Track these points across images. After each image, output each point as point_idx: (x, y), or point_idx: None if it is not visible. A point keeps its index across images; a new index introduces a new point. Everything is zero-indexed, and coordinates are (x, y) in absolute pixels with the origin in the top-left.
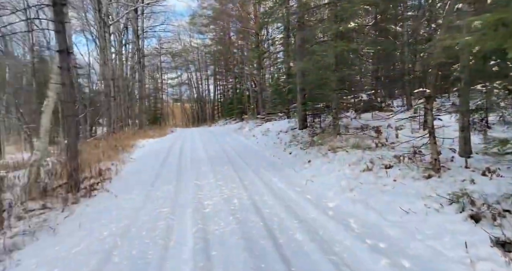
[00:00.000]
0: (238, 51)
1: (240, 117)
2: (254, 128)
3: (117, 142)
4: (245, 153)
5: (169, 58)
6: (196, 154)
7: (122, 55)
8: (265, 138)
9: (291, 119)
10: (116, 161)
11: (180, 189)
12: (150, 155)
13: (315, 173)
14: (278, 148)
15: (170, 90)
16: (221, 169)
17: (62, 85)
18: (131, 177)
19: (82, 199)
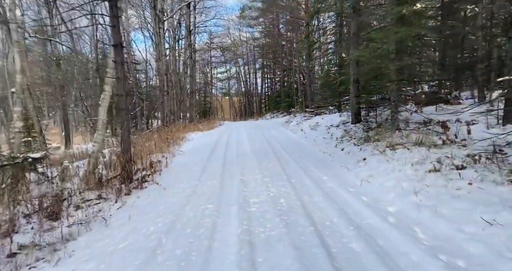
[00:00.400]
0: (287, 43)
1: (287, 111)
2: (302, 122)
3: (169, 135)
4: (292, 148)
5: (219, 53)
6: (241, 148)
7: (176, 51)
8: (314, 132)
9: (343, 112)
10: (166, 154)
11: (225, 184)
12: (198, 148)
13: (371, 173)
14: (329, 143)
15: (219, 84)
16: (267, 165)
17: (116, 79)
18: (180, 170)
19: (134, 191)
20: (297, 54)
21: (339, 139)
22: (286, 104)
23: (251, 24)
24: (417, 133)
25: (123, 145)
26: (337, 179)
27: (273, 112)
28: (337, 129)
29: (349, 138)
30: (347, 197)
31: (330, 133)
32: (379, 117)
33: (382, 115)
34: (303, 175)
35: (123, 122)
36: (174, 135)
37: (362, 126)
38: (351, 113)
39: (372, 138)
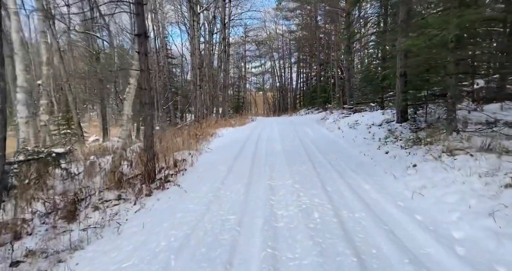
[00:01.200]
0: (325, 36)
1: (323, 107)
2: (340, 119)
3: (199, 130)
4: (328, 148)
5: (254, 47)
6: (272, 147)
7: (210, 45)
8: (353, 131)
9: (386, 110)
10: (194, 151)
11: (251, 190)
12: (226, 145)
13: (424, 183)
14: (370, 145)
15: (253, 79)
16: (299, 168)
17: (140, 72)
18: (205, 169)
19: (155, 192)
20: (336, 47)
21: (383, 140)
22: (322, 100)
23: (288, 17)
24: (480, 135)
25: (146, 142)
26: (382, 189)
27: (308, 108)
28: (379, 129)
29: (394, 139)
30: (396, 214)
31: (372, 133)
32: (429, 115)
33: (433, 114)
34: (341, 183)
35: (146, 117)
36: (205, 131)
37: (409, 126)
38: (396, 110)
39: (424, 141)
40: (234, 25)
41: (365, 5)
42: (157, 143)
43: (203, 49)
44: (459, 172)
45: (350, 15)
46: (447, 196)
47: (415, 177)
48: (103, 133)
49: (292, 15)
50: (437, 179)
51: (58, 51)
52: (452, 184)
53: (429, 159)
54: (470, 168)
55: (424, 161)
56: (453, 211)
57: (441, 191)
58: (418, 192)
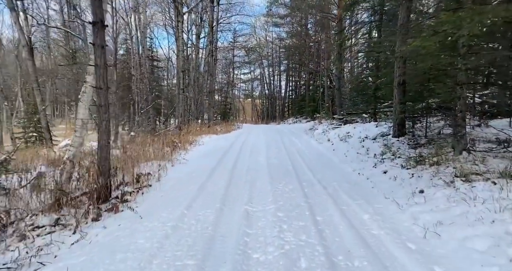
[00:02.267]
0: (315, 44)
1: (312, 116)
2: (329, 130)
3: (178, 137)
4: (318, 163)
5: (243, 53)
6: (255, 160)
7: (198, 48)
8: (344, 145)
9: (380, 122)
10: (166, 162)
11: (223, 218)
12: (205, 156)
13: (439, 218)
14: (365, 161)
15: (242, 86)
16: (284, 188)
17: (95, 67)
18: (172, 187)
19: (105, 215)
20: (326, 55)
21: (379, 156)
22: (310, 109)
23: (278, 23)
24: (494, 156)
25: (100, 152)
26: (385, 221)
27: (296, 117)
28: (374, 143)
29: (392, 156)
30: (408, 264)
31: (366, 148)
32: (428, 130)
33: (432, 128)
34: (334, 210)
35: (101, 122)
36: (185, 138)
37: (408, 141)
38: (393, 123)
39: (429, 160)
40: (223, 30)
41: (358, 11)
42: (127, 151)
43: (190, 53)
44: (483, 206)
45: (342, 21)
46: (474, 241)
47: (424, 208)
48: None
49: (282, 22)
50: (454, 213)
51: (27, 46)
52: (477, 222)
53: (439, 185)
54: (498, 201)
55: (433, 187)
56: (488, 266)
57: (464, 231)
58: (433, 230)
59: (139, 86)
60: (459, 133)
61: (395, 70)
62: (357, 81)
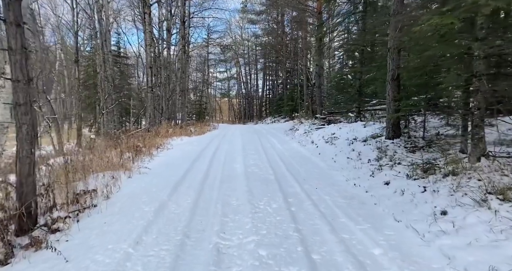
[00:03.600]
0: (292, 42)
1: (290, 116)
2: (312, 131)
3: (143, 140)
4: (304, 171)
5: (218, 50)
6: (231, 169)
7: (169, 44)
8: (331, 148)
9: (368, 122)
10: (122, 172)
11: (183, 261)
12: (172, 163)
13: (489, 260)
14: (358, 168)
15: (218, 84)
16: (266, 208)
17: (8, 51)
18: (121, 209)
19: (20, 254)
20: (304, 52)
21: (374, 162)
22: (289, 108)
23: (254, 20)
24: None
25: (20, 166)
26: (405, 260)
27: (274, 116)
28: (365, 146)
29: (389, 162)
30: None
31: (357, 152)
32: (426, 130)
33: (427, 128)
34: (334, 242)
35: (20, 127)
36: (152, 141)
37: (404, 144)
38: (387, 123)
39: (441, 169)
40: (196, 26)
41: (339, 3)
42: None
43: (161, 51)
44: None
45: (322, 14)
46: None
47: (458, 240)
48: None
49: (258, 19)
50: (509, 252)
51: None
52: None
53: (467, 204)
54: None
55: (458, 206)
56: None
57: None
58: None
59: (104, 84)
60: (476, 135)
61: (388, 63)
62: (337, 78)
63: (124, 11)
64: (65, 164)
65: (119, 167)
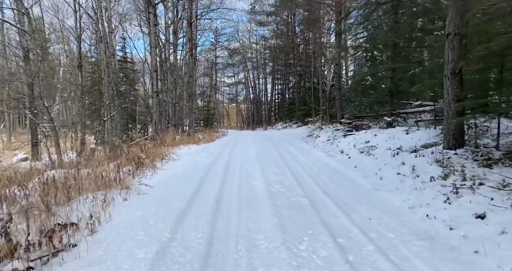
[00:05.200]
0: (304, 42)
1: (303, 121)
2: (338, 138)
3: (148, 150)
4: (344, 192)
5: (226, 55)
6: (249, 186)
7: (176, 47)
8: (370, 160)
9: (411, 127)
10: (119, 191)
11: None
12: (177, 179)
13: None
14: (420, 190)
15: (226, 89)
16: (312, 258)
17: None
18: (108, 253)
19: None
20: (319, 51)
21: (439, 180)
22: (301, 113)
23: (263, 22)
24: None
25: None
26: None
27: (286, 122)
28: (417, 158)
29: (464, 181)
30: None
31: (409, 165)
32: (498, 136)
33: (488, 133)
34: None
35: None
36: (157, 150)
37: (472, 156)
38: (446, 130)
39: None
40: (204, 29)
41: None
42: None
43: (168, 55)
44: None
45: (343, 8)
46: None
47: None
48: (32, 150)
49: (267, 20)
50: None
51: None
52: None
53: None
54: None
55: None
56: None
57: None
58: None
59: (107, 90)
60: None
61: (446, 53)
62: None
63: (129, 15)
64: (43, 185)
65: (116, 184)
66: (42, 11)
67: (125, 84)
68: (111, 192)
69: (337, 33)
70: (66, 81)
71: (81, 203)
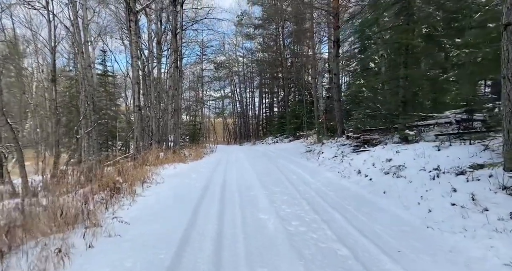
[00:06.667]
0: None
1: (294, 135)
2: (348, 154)
3: (126, 172)
4: (386, 232)
5: (212, 69)
6: (256, 223)
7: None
8: (401, 184)
9: (444, 143)
10: (83, 231)
11: None
12: (161, 213)
13: None
14: (501, 232)
15: (212, 103)
16: None
17: None
18: None
19: None
20: (314, 63)
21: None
22: (293, 127)
23: (250, 35)
24: None
25: None
26: None
27: (276, 136)
28: (468, 182)
29: None
30: None
31: (464, 193)
32: None
33: None
34: None
35: None
36: (134, 174)
37: None
38: (509, 146)
39: None
40: (190, 41)
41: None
42: None
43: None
44: None
45: (339, 14)
46: None
47: None
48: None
49: (255, 33)
50: None
51: None
52: None
53: None
54: None
55: None
56: None
57: None
58: None
59: (83, 104)
60: None
61: (505, 48)
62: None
63: (110, 28)
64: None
65: (83, 220)
66: (13, 22)
67: (106, 99)
68: (74, 233)
69: (334, 41)
70: (42, 97)
71: (24, 256)
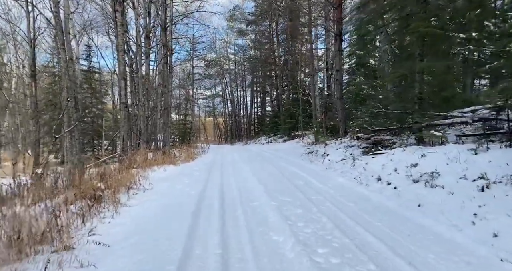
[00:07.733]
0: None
1: (289, 134)
2: (360, 157)
3: (111, 176)
4: (448, 264)
5: (203, 67)
6: (271, 247)
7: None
8: (438, 194)
9: (482, 146)
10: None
11: None
12: (151, 225)
13: None
14: None
15: (202, 102)
16: None
17: None
18: None
19: None
20: (309, 60)
21: None
22: (288, 126)
23: (243, 31)
24: None
25: None
26: None
27: (269, 136)
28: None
29: None
30: None
31: None
32: None
33: None
34: None
35: None
36: (119, 179)
37: None
38: None
39: None
40: (180, 37)
41: None
42: None
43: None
44: None
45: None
46: None
47: None
48: None
49: (247, 29)
50: None
51: None
52: None
53: None
54: None
55: None
56: None
57: None
58: None
59: (63, 101)
60: None
61: None
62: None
63: (96, 23)
64: None
65: (50, 240)
66: None
67: (91, 97)
68: (34, 262)
69: (336, 34)
70: (22, 93)
71: None
